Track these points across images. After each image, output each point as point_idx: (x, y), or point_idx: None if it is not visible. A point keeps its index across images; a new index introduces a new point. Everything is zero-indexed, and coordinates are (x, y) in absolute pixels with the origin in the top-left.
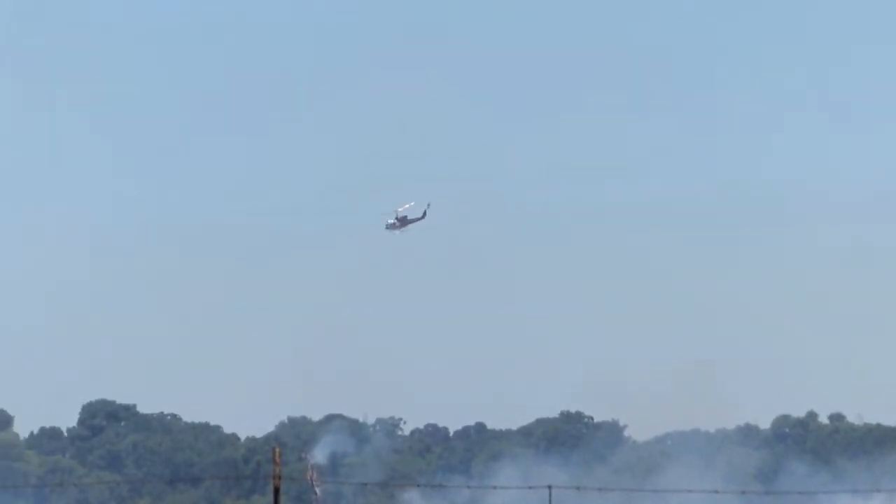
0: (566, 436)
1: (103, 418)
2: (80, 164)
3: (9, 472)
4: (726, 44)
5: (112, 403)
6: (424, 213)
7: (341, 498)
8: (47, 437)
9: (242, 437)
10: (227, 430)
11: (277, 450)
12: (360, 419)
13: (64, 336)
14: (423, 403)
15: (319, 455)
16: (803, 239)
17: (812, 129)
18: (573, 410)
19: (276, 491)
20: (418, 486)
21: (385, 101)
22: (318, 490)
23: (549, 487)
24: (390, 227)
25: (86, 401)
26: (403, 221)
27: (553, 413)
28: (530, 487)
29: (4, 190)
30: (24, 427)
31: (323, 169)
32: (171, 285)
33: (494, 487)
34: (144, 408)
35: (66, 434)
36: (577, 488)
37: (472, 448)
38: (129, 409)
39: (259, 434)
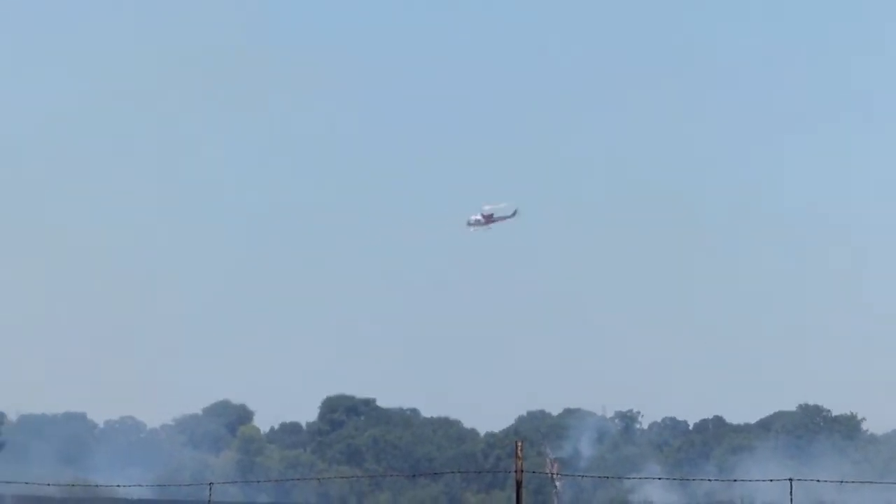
0: (804, 429)
1: (343, 413)
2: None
3: (250, 466)
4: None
5: (351, 398)
6: (515, 212)
7: (581, 491)
8: (288, 432)
9: (482, 431)
10: (467, 424)
11: (520, 444)
12: (599, 412)
13: (304, 331)
14: (662, 397)
15: (562, 449)
16: None
17: None
18: (811, 403)
19: (519, 485)
20: (658, 479)
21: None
22: (558, 484)
23: (790, 480)
24: (474, 223)
25: (325, 395)
26: (489, 219)
27: (791, 406)
28: (771, 480)
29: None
30: (265, 422)
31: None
32: (408, 283)
33: (735, 480)
34: (384, 402)
35: (305, 428)
36: (818, 481)
37: (710, 441)
38: (369, 404)
39: (498, 429)
